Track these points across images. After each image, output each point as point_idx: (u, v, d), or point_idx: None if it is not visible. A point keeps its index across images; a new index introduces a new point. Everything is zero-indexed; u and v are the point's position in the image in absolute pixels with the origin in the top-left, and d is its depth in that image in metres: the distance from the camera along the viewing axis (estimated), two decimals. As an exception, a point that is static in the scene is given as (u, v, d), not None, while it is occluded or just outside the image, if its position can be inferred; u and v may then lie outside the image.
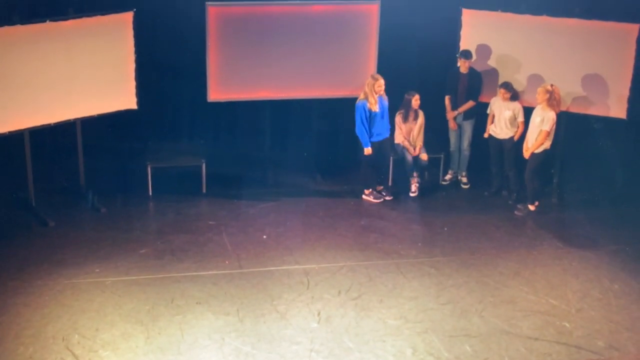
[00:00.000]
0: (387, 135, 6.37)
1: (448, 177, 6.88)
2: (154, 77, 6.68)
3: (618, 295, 5.24)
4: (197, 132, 7.11)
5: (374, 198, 6.50)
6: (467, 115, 6.61)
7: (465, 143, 6.69)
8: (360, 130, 6.23)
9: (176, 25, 6.76)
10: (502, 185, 6.65)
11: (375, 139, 6.28)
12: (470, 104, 6.55)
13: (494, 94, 6.50)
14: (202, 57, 6.52)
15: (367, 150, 6.28)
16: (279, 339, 4.71)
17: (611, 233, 6.07)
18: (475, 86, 6.52)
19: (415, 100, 6.42)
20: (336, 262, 5.56)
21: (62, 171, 6.72)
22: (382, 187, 6.57)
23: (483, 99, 6.62)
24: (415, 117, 6.50)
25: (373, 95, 6.12)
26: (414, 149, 6.55)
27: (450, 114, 6.64)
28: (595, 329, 4.89)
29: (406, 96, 6.44)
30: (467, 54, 6.44)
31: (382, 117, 6.24)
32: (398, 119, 6.54)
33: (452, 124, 6.66)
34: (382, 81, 6.14)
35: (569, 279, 5.43)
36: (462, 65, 6.47)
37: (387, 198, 6.52)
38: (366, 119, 6.16)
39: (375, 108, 6.15)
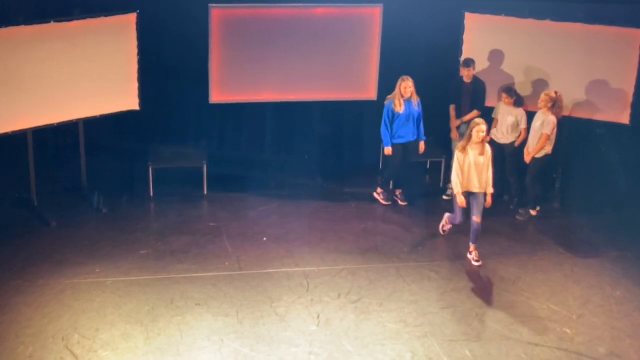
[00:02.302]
0: (412, 139, 6.26)
1: (450, 191, 6.63)
2: (157, 78, 6.69)
3: (620, 302, 5.22)
4: (199, 134, 7.13)
5: (384, 199, 6.46)
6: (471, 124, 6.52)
7: None
8: (382, 129, 6.20)
9: (179, 27, 6.78)
10: (504, 190, 6.62)
11: (397, 140, 6.22)
12: (475, 113, 6.40)
13: (495, 99, 6.47)
14: (204, 59, 6.54)
15: (387, 150, 6.23)
16: (278, 341, 4.70)
17: (613, 239, 6.04)
18: (479, 95, 6.41)
19: (478, 132, 5.23)
20: (336, 265, 5.55)
21: (64, 171, 6.74)
22: (400, 191, 6.52)
23: (487, 104, 6.58)
24: (482, 152, 5.30)
25: (399, 97, 6.09)
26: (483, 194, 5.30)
27: (454, 123, 6.50)
28: (597, 335, 4.87)
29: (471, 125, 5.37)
30: (469, 62, 6.33)
31: (408, 120, 6.16)
32: (458, 154, 5.34)
33: (454, 134, 6.50)
34: (409, 83, 6.06)
35: (570, 285, 5.41)
36: (466, 74, 6.36)
37: (402, 204, 6.45)
38: (389, 119, 6.14)
39: (400, 109, 6.11)
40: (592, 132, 6.73)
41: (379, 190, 6.48)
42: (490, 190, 5.43)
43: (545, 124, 6.04)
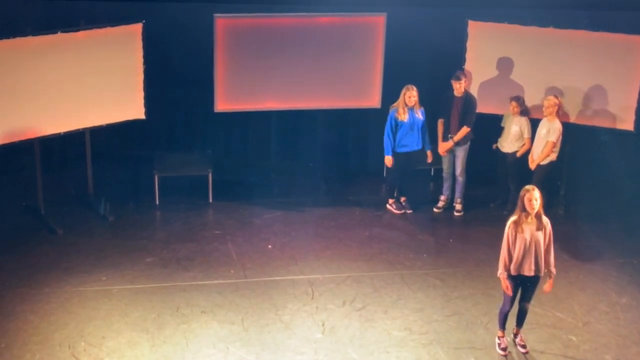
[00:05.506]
0: (415, 148, 6.26)
1: (441, 204, 6.52)
2: (162, 87, 6.75)
3: (625, 309, 5.20)
4: (204, 142, 7.17)
5: (396, 209, 6.46)
6: (460, 140, 6.29)
7: (459, 169, 6.32)
8: (385, 138, 6.20)
9: (184, 36, 6.84)
10: (508, 196, 6.62)
11: (400, 149, 6.23)
12: (464, 130, 6.24)
13: (499, 106, 6.48)
14: (209, 68, 6.59)
15: (387, 159, 6.23)
16: (283, 348, 4.71)
17: (618, 246, 6.03)
18: (470, 111, 6.20)
19: (529, 201, 4.16)
20: (341, 272, 5.56)
21: (71, 180, 6.78)
22: (405, 199, 6.52)
23: (489, 110, 6.59)
24: (540, 227, 4.23)
25: (403, 105, 6.11)
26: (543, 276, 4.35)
27: (442, 144, 6.31)
28: (603, 342, 4.85)
29: (521, 193, 4.29)
30: (459, 76, 6.10)
31: (412, 128, 6.16)
32: (511, 231, 4.30)
33: (442, 149, 6.31)
34: (413, 92, 6.07)
35: (575, 292, 5.40)
36: (456, 88, 6.18)
37: (408, 211, 6.46)
38: (391, 128, 6.15)
39: (404, 118, 6.12)
40: (597, 138, 6.73)
41: (390, 200, 6.50)
42: (554, 271, 4.40)
43: (551, 132, 6.05)
